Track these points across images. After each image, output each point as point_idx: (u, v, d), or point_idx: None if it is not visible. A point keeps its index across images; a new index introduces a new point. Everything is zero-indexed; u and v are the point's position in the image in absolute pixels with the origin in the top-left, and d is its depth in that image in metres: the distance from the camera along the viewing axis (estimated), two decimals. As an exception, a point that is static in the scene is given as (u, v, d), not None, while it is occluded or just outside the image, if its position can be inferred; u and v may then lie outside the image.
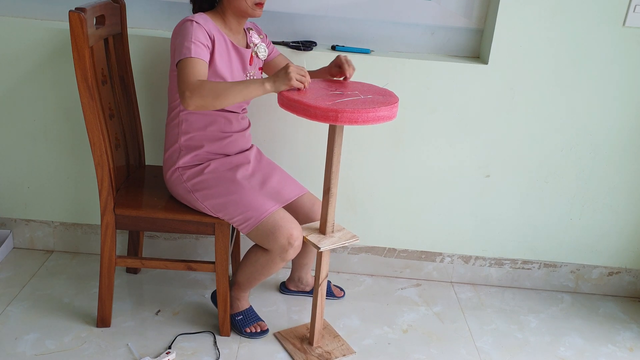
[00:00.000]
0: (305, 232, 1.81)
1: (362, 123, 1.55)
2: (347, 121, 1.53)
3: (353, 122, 1.54)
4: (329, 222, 1.80)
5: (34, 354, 1.83)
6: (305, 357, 1.89)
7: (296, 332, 2.01)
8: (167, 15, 2.17)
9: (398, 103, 1.63)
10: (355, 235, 1.84)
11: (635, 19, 2.03)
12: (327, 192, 1.76)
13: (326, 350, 1.93)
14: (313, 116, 1.55)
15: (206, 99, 1.60)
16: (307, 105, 1.55)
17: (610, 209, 2.30)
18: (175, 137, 1.84)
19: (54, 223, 2.36)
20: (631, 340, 2.15)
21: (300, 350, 1.92)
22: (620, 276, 2.40)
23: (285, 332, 1.99)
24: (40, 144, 2.24)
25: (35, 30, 2.09)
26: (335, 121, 1.53)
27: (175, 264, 1.91)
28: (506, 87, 2.13)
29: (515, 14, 2.04)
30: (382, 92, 1.73)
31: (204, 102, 1.60)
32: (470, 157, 2.23)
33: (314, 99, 1.59)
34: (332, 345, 1.96)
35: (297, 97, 1.59)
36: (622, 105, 2.15)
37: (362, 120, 1.54)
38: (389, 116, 1.59)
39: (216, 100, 1.61)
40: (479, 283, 2.43)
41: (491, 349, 2.04)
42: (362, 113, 1.54)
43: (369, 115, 1.54)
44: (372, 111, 1.55)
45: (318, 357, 1.90)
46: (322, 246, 1.76)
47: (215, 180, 1.81)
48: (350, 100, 1.61)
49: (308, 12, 2.17)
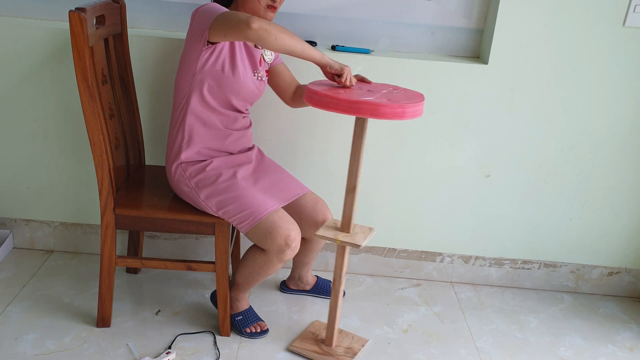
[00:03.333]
0: (331, 233, 1.79)
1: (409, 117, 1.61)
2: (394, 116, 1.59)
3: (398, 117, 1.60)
4: (353, 220, 1.81)
5: (34, 354, 1.83)
6: (336, 359, 1.89)
7: (305, 338, 1.98)
8: (167, 15, 2.17)
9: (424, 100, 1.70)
10: (372, 227, 1.86)
11: (635, 19, 2.03)
12: (353, 190, 1.76)
13: (346, 347, 1.94)
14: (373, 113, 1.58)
15: (272, 26, 1.59)
16: (353, 102, 1.57)
17: (610, 209, 2.30)
18: (179, 132, 1.84)
19: (54, 223, 2.36)
20: (631, 340, 2.15)
21: (324, 354, 1.90)
22: (620, 276, 2.40)
23: (297, 343, 1.95)
24: (40, 144, 2.24)
25: (35, 30, 2.09)
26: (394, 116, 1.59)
27: (175, 264, 1.91)
28: (506, 87, 2.13)
29: (515, 14, 2.04)
30: (398, 88, 1.81)
31: (269, 27, 1.59)
32: (470, 157, 2.23)
33: (358, 96, 1.62)
34: (347, 341, 1.97)
35: (338, 95, 1.61)
36: (622, 105, 2.15)
37: (410, 114, 1.61)
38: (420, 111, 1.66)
39: (281, 33, 1.61)
40: (479, 283, 2.43)
41: (491, 349, 2.04)
42: (409, 107, 1.60)
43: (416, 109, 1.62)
44: (416, 105, 1.61)
45: (346, 355, 1.90)
46: (362, 243, 1.76)
47: (217, 178, 1.82)
48: (387, 96, 1.67)
49: (308, 12, 2.17)
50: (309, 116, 2.15)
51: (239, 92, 1.81)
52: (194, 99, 1.79)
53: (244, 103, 1.87)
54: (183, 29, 2.17)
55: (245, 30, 1.58)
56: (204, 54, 1.73)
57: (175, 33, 2.17)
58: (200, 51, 1.72)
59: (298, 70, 2.04)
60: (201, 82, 1.77)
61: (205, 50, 1.72)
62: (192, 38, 1.74)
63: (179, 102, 1.83)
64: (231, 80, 1.78)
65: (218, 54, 1.75)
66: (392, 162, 2.24)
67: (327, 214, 1.97)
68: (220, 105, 1.82)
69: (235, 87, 1.79)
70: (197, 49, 1.73)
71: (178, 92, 1.83)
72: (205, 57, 1.74)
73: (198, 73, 1.75)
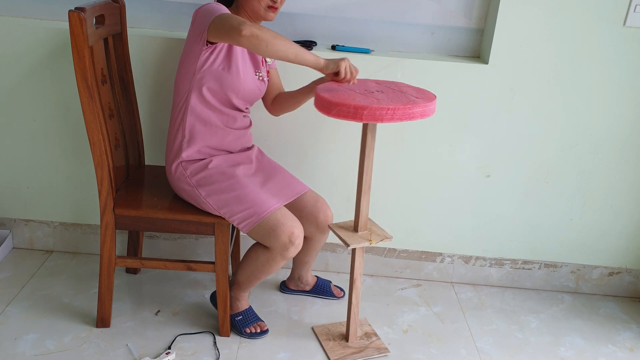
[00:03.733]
0: (355, 238, 1.83)
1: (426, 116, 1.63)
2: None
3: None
4: (366, 219, 1.87)
5: (34, 354, 1.83)
6: (373, 348, 1.96)
7: (330, 347, 1.97)
8: (167, 15, 2.17)
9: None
10: (370, 219, 1.90)
11: (635, 19, 2.03)
12: (368, 190, 1.80)
13: (363, 334, 2.03)
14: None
15: (264, 32, 1.58)
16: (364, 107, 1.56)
17: (610, 209, 2.30)
18: (180, 131, 1.83)
19: (54, 223, 2.36)
20: (631, 341, 2.15)
21: (360, 350, 1.95)
22: (621, 276, 2.40)
23: (332, 355, 1.94)
24: (40, 144, 2.24)
25: (35, 30, 2.09)
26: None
27: (175, 264, 1.91)
28: (506, 87, 2.13)
29: (515, 14, 2.04)
30: (393, 83, 1.83)
31: (260, 33, 1.58)
32: (470, 157, 2.23)
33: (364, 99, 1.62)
34: (358, 329, 2.03)
35: (347, 100, 1.59)
36: (622, 105, 2.15)
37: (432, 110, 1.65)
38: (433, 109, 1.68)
39: (274, 39, 1.59)
40: (479, 283, 2.43)
41: (491, 349, 2.03)
42: (429, 105, 1.63)
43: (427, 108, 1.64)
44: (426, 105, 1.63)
45: (373, 340, 1.99)
46: (375, 241, 1.81)
47: (219, 176, 1.82)
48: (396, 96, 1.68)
49: (308, 12, 2.17)
50: (309, 116, 2.15)
51: (239, 91, 1.81)
52: (194, 97, 1.79)
53: (244, 102, 1.87)
54: (183, 28, 2.17)
55: (236, 38, 1.59)
56: (204, 53, 1.73)
57: (175, 33, 2.17)
58: (200, 50, 1.73)
59: (299, 71, 2.04)
60: (201, 81, 1.77)
61: (205, 49, 1.72)
62: (192, 37, 1.74)
63: (178, 101, 1.83)
64: (231, 79, 1.78)
65: (218, 53, 1.75)
66: (392, 162, 2.24)
67: (327, 212, 1.97)
68: (220, 104, 1.82)
69: (235, 86, 1.79)
70: (197, 49, 1.73)
71: (178, 91, 1.83)
72: (205, 56, 1.74)
73: (198, 72, 1.76)
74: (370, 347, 1.96)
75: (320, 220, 1.96)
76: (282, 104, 2.00)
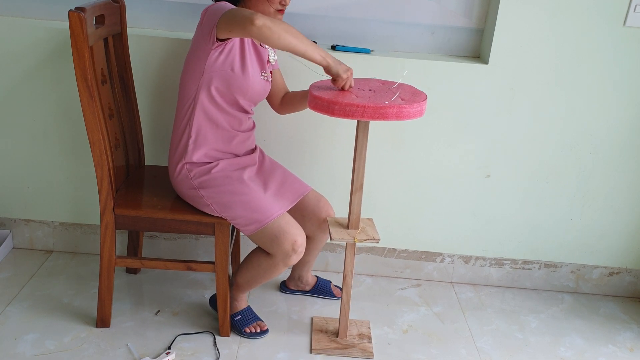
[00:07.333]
0: (344, 234, 1.84)
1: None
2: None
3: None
4: (359, 216, 1.88)
5: (34, 354, 1.83)
6: (358, 348, 1.95)
7: (318, 338, 1.99)
8: (167, 15, 2.17)
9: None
10: (370, 217, 1.95)
11: (635, 19, 2.03)
12: (360, 188, 1.81)
13: (357, 334, 2.02)
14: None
15: (276, 24, 1.57)
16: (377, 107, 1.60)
17: (610, 209, 2.30)
18: (186, 130, 1.82)
19: (54, 223, 2.36)
20: (631, 341, 2.15)
21: (346, 347, 1.95)
22: (621, 276, 2.40)
23: (316, 345, 1.96)
24: (40, 144, 2.24)
25: (35, 30, 2.09)
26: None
27: (175, 264, 1.90)
28: (506, 87, 2.13)
29: (515, 14, 2.04)
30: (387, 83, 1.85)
31: (273, 25, 1.57)
32: (470, 157, 2.23)
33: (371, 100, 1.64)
34: (353, 328, 2.05)
35: (356, 101, 1.62)
36: (622, 105, 2.15)
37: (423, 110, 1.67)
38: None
39: (285, 33, 1.59)
40: (479, 283, 2.42)
41: (491, 349, 2.03)
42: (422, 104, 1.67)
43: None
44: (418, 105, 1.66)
45: (363, 342, 1.98)
46: (359, 239, 1.82)
47: (223, 180, 1.81)
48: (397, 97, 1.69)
49: (308, 12, 2.17)
50: (310, 115, 2.14)
51: (247, 91, 1.80)
52: (203, 97, 1.77)
53: (250, 103, 1.86)
54: (183, 28, 2.17)
55: (248, 27, 1.57)
56: (213, 52, 1.71)
57: (175, 33, 2.17)
58: (209, 49, 1.71)
59: (300, 71, 2.04)
60: (209, 80, 1.75)
61: (215, 48, 1.71)
62: (201, 36, 1.72)
63: (185, 100, 1.80)
64: (240, 79, 1.77)
65: (227, 53, 1.74)
66: (392, 162, 2.24)
67: (329, 211, 1.98)
68: (227, 105, 1.80)
69: (244, 87, 1.78)
70: (207, 47, 1.71)
71: (184, 91, 1.81)
72: (215, 55, 1.72)
73: (206, 72, 1.74)
74: (356, 347, 1.95)
75: (323, 219, 1.96)
76: (292, 104, 1.99)
